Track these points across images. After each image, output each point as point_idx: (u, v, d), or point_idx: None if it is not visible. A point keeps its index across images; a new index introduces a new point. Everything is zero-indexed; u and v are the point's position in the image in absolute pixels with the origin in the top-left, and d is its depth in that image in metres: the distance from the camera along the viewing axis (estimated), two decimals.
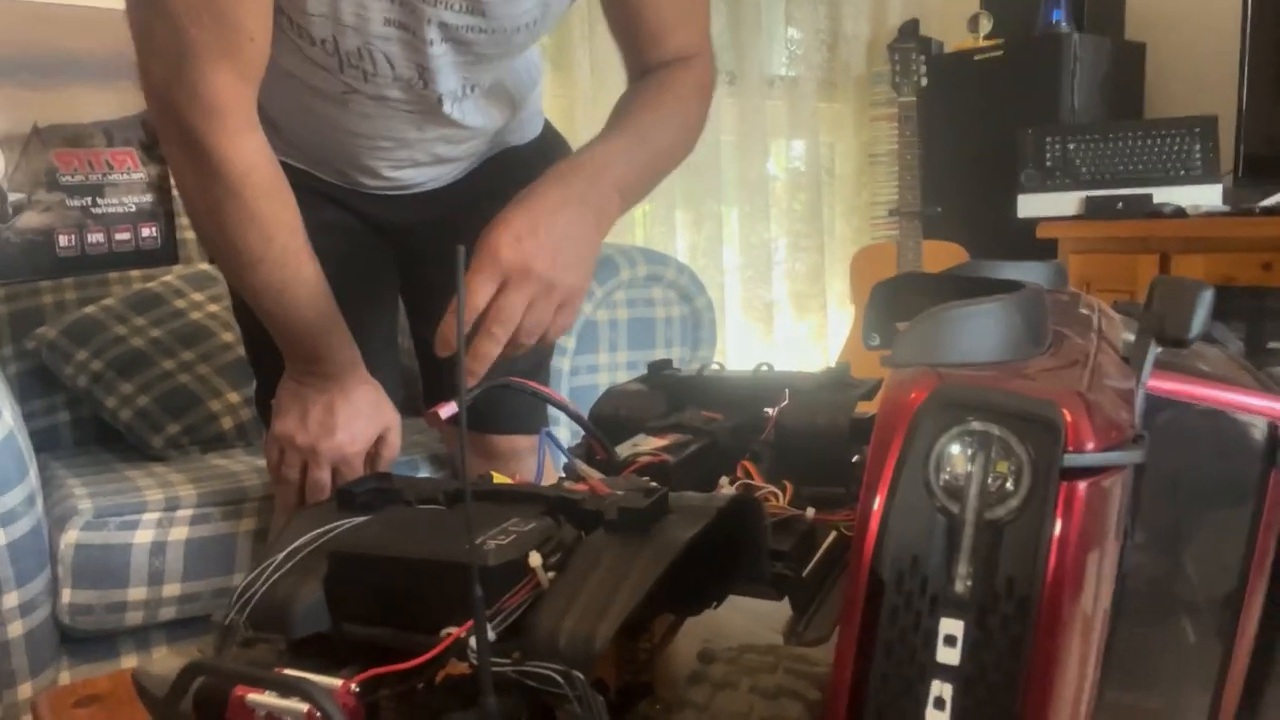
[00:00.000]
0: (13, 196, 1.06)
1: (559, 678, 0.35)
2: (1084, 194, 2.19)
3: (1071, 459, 0.27)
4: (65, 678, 1.11)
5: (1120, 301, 0.63)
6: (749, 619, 0.57)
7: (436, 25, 0.88)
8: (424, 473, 1.32)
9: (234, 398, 1.44)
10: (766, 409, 0.71)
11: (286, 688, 0.35)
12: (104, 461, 1.37)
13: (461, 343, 0.37)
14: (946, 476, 0.29)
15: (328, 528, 0.45)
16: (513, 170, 1.13)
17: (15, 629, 1.03)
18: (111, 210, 1.13)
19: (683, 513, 0.43)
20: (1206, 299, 0.38)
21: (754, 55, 2.59)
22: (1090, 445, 0.27)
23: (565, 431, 1.40)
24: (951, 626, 0.27)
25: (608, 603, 0.37)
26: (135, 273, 1.47)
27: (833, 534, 0.58)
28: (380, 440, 0.98)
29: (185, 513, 1.15)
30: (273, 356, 0.97)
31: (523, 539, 0.41)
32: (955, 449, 0.28)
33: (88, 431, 1.54)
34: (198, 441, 1.40)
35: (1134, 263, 2.09)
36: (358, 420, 0.95)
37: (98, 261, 1.13)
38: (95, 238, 1.12)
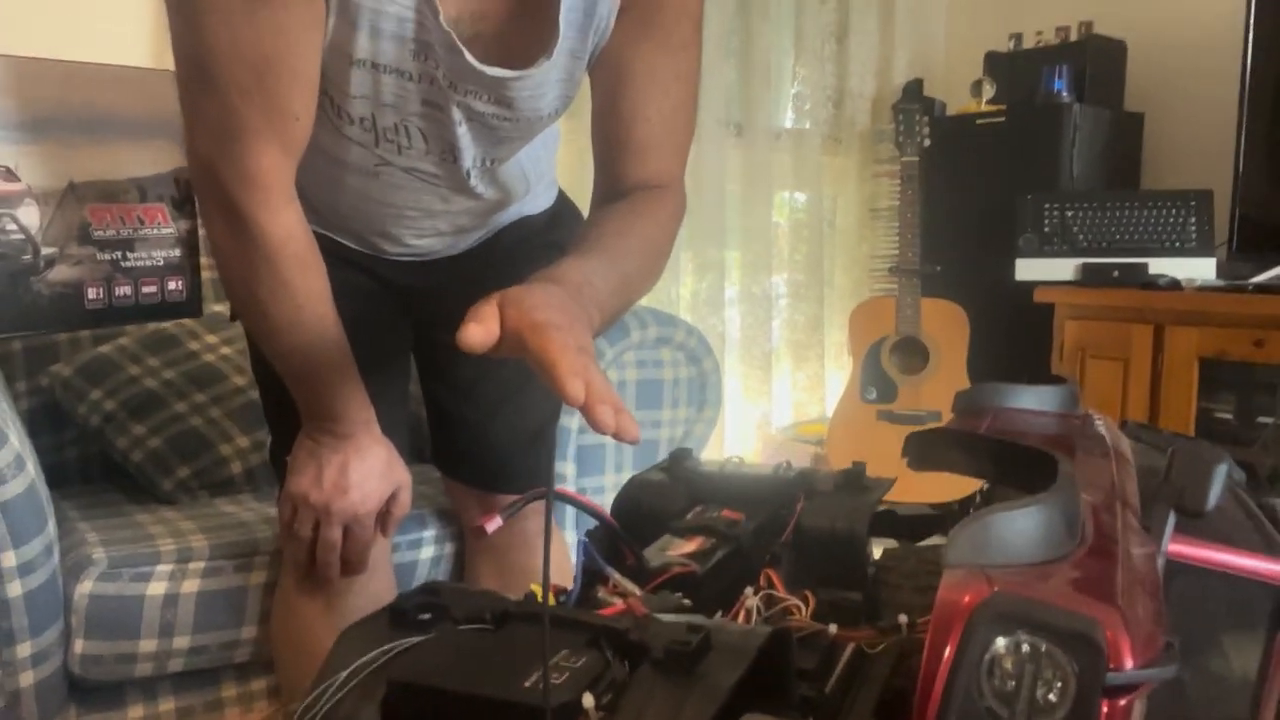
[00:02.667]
0: (46, 250, 1.08)
1: None
2: (1080, 261, 2.24)
3: (1113, 678, 0.30)
4: None
5: (1130, 423, 0.66)
6: None
7: (464, 110, 0.92)
8: (431, 527, 1.34)
9: (244, 442, 1.45)
10: (785, 510, 0.74)
11: None
12: (113, 503, 1.38)
13: (552, 474, 0.40)
14: (997, 681, 0.31)
15: (385, 649, 0.48)
16: (526, 238, 1.17)
17: (26, 679, 1.04)
18: (140, 264, 1.16)
19: (724, 651, 0.46)
20: (1222, 472, 0.41)
21: (761, 108, 2.64)
22: (1130, 664, 0.30)
23: (572, 468, 1.43)
24: None
25: None
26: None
27: (851, 647, 0.60)
28: (392, 499, 1.01)
29: (198, 564, 1.16)
30: (290, 414, 0.99)
31: (576, 676, 0.43)
32: (1006, 657, 0.31)
33: (95, 469, 1.55)
34: (207, 485, 1.42)
35: (1129, 331, 2.14)
36: (370, 480, 0.98)
37: (124, 314, 1.16)
38: (123, 290, 1.14)
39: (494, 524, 0.54)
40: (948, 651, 0.32)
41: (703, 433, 1.58)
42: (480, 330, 0.65)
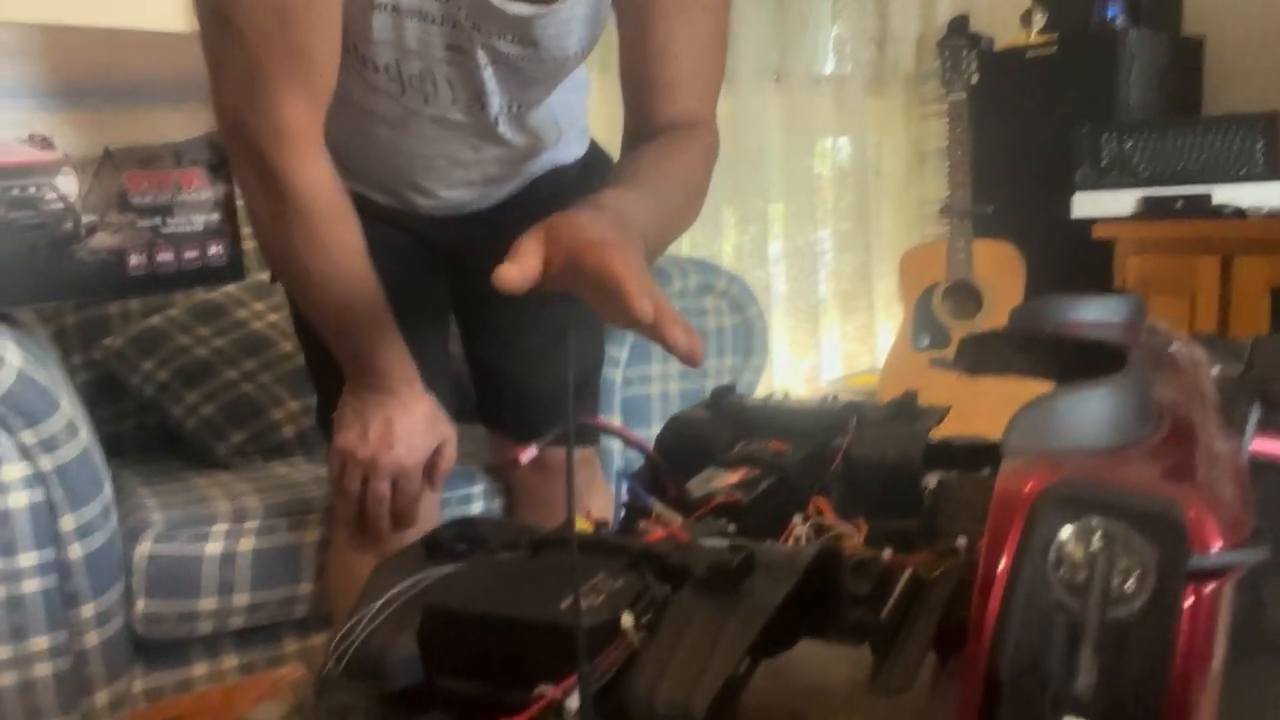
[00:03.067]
0: (86, 218, 1.09)
1: None
2: (1141, 193, 2.15)
3: (1198, 561, 0.27)
4: (139, 684, 1.14)
5: (1200, 334, 0.62)
6: (825, 659, 0.58)
7: (489, 52, 0.89)
8: (479, 482, 1.33)
9: (294, 406, 1.47)
10: (836, 440, 0.71)
11: None
12: (171, 469, 1.40)
13: (571, 405, 0.38)
14: (1065, 573, 0.29)
15: (419, 578, 0.46)
16: (560, 189, 1.15)
17: (92, 638, 1.07)
18: (180, 230, 1.16)
19: (770, 569, 0.44)
20: None
21: (800, 53, 2.57)
22: (1215, 546, 0.27)
23: (618, 443, 1.41)
24: None
25: (703, 667, 0.38)
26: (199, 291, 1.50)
27: (907, 572, 0.58)
28: (437, 452, 1.00)
29: (253, 524, 1.18)
30: (333, 373, 0.99)
31: (614, 598, 0.41)
32: (1076, 545, 0.28)
33: (153, 438, 1.58)
34: (261, 449, 1.43)
35: (1193, 264, 2.05)
36: (415, 434, 0.98)
37: (167, 280, 1.16)
38: (164, 256, 1.15)
39: (528, 454, 0.52)
40: (1009, 545, 0.29)
41: (750, 381, 1.56)
42: (515, 270, 0.62)
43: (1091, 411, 0.33)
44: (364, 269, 0.92)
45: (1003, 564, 0.30)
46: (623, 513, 0.60)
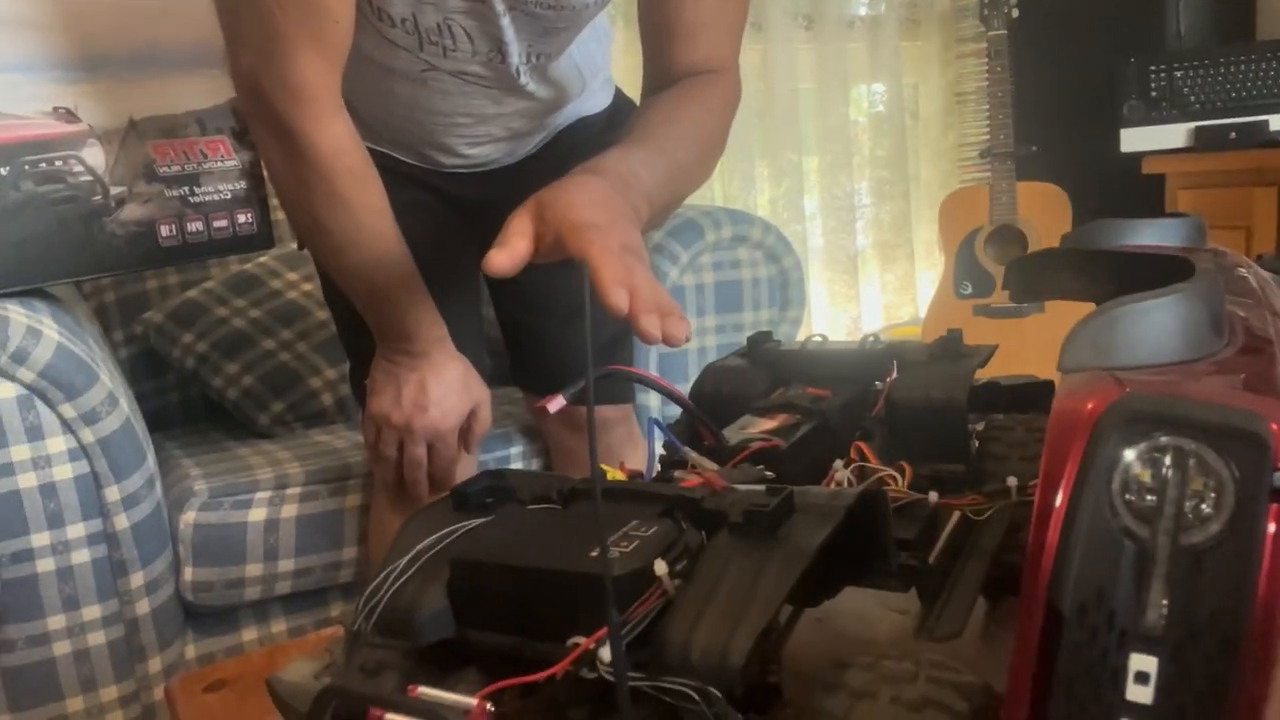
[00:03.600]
0: (114, 190, 1.08)
1: (695, 695, 0.34)
2: (1193, 125, 2.06)
3: None
4: (191, 650, 1.16)
5: (1266, 256, 0.58)
6: (869, 605, 0.56)
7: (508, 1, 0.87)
8: (517, 444, 1.33)
9: (332, 374, 1.47)
10: (876, 383, 0.69)
11: (422, 710, 0.35)
12: (214, 440, 1.42)
13: (589, 340, 0.36)
14: (1133, 497, 0.26)
15: (447, 530, 0.45)
16: (586, 140, 1.12)
17: (143, 606, 1.08)
18: (209, 198, 1.16)
19: (809, 512, 0.42)
20: None
21: None
22: None
23: (654, 401, 1.40)
24: (1143, 663, 0.25)
25: (741, 614, 0.36)
26: (233, 258, 1.51)
27: (956, 516, 0.55)
28: (472, 415, 0.99)
29: (295, 490, 1.18)
30: (365, 338, 0.99)
31: (646, 545, 0.40)
32: (1144, 467, 0.26)
33: (197, 409, 1.60)
34: (301, 418, 1.44)
35: (1249, 196, 1.96)
36: (450, 397, 0.96)
37: (199, 249, 1.16)
38: (194, 226, 1.14)
39: (556, 403, 0.50)
40: (1068, 469, 0.27)
41: (787, 333, 1.52)
42: (504, 255, 0.63)
43: (1158, 323, 0.30)
44: (388, 229, 0.91)
45: (1062, 491, 0.27)
46: (657, 462, 0.58)
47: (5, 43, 1.03)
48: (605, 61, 1.15)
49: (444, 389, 0.96)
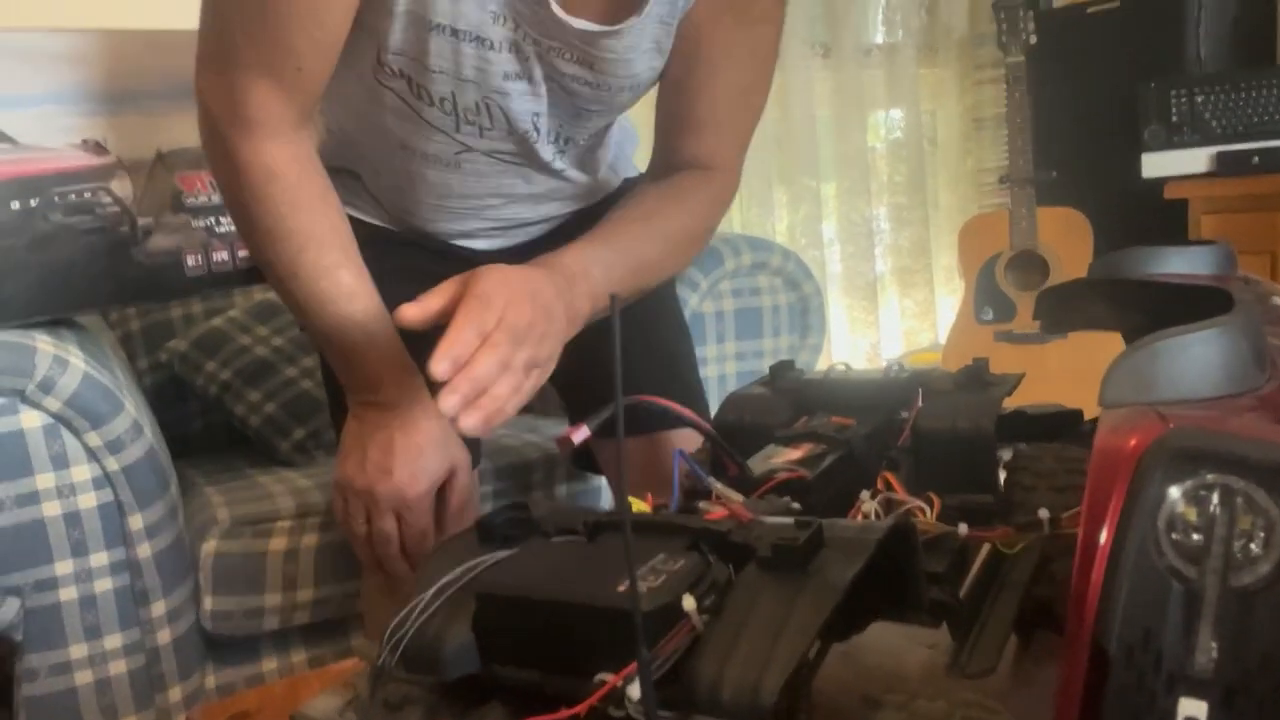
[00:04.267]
0: (142, 220, 1.10)
1: None
2: (1215, 149, 2.04)
3: None
4: (211, 681, 1.16)
5: None
6: (899, 640, 0.55)
7: (548, 75, 0.87)
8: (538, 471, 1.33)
9: None
10: (901, 412, 0.68)
11: None
12: (236, 467, 1.42)
13: (618, 367, 0.36)
14: (1179, 536, 0.26)
15: (472, 564, 0.45)
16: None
17: (164, 635, 1.08)
18: (233, 229, 1.17)
19: (839, 546, 0.41)
20: None
21: (848, 24, 2.51)
22: None
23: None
24: (1193, 708, 0.24)
25: (771, 651, 0.35)
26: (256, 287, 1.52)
27: (985, 548, 0.55)
28: (448, 483, 0.87)
29: (315, 520, 1.18)
30: (336, 384, 0.91)
31: (674, 579, 0.39)
32: (1190, 505, 0.25)
33: (219, 437, 1.61)
34: (322, 445, 1.44)
35: (1273, 220, 1.95)
36: (419, 458, 0.84)
37: (224, 279, 1.17)
38: (220, 256, 1.16)
39: (580, 434, 0.50)
40: (1112, 508, 0.26)
41: (807, 360, 1.52)
42: (414, 309, 0.69)
43: (1199, 357, 0.29)
44: (340, 263, 0.84)
45: (1106, 530, 0.27)
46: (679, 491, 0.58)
47: (37, 76, 1.05)
48: (629, 164, 1.15)
49: (412, 450, 0.84)
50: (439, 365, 0.64)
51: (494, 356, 0.68)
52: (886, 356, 2.70)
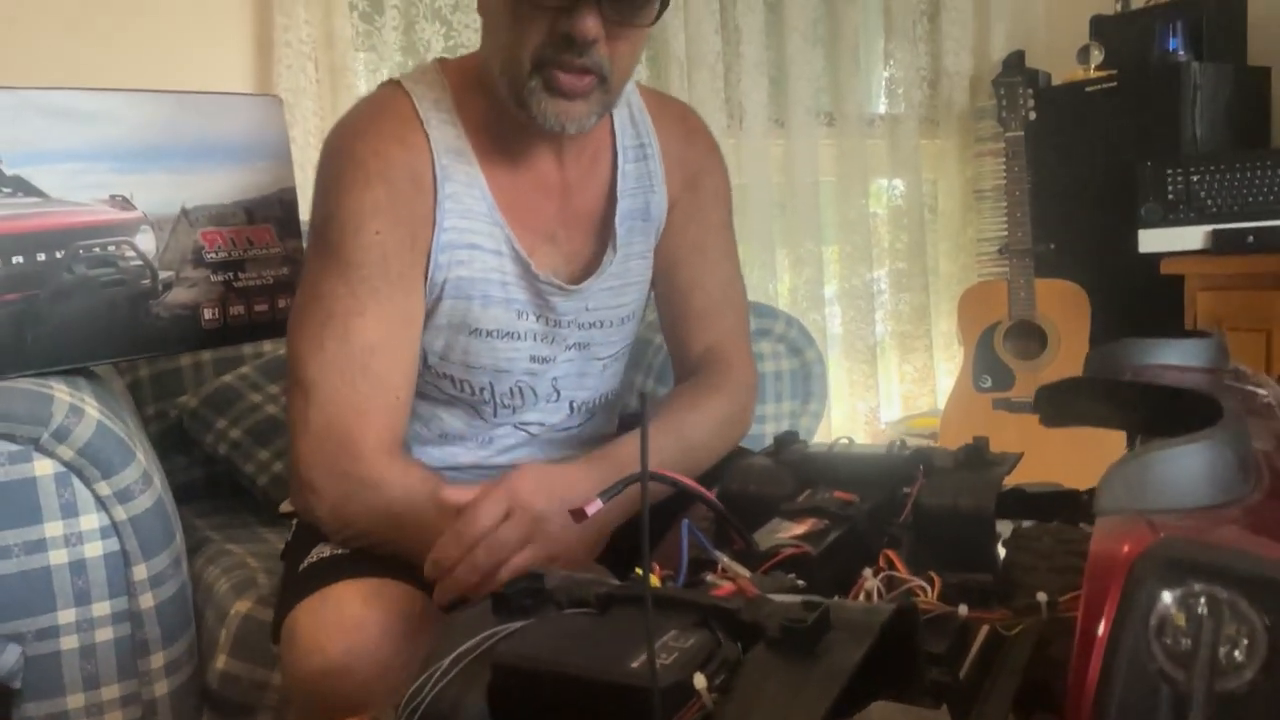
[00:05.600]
0: (163, 274, 1.13)
1: None
2: (1211, 228, 2.09)
3: None
4: None
5: None
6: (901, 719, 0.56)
7: (563, 340, 1.00)
8: None
9: None
10: (904, 488, 0.70)
11: None
12: (246, 522, 1.43)
13: (646, 443, 0.37)
14: (1169, 640, 0.27)
15: (489, 634, 0.46)
16: None
17: (161, 688, 1.08)
18: (251, 284, 1.20)
19: (845, 629, 0.42)
20: None
21: (852, 94, 2.58)
22: None
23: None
24: None
25: None
26: (267, 343, 1.54)
27: (985, 629, 0.56)
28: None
29: None
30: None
31: (685, 657, 0.41)
32: (1179, 612, 0.27)
33: (222, 486, 1.61)
34: None
35: (1269, 300, 1.98)
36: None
37: (239, 333, 1.19)
38: (236, 310, 1.18)
39: (594, 507, 0.52)
40: (1107, 610, 0.28)
41: (809, 426, 1.54)
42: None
43: (1188, 468, 0.31)
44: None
45: (1102, 629, 0.28)
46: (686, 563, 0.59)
47: (69, 133, 1.08)
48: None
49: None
50: (430, 567, 0.77)
51: (473, 570, 0.77)
52: (885, 420, 2.72)
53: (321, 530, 0.92)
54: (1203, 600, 0.27)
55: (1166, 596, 0.27)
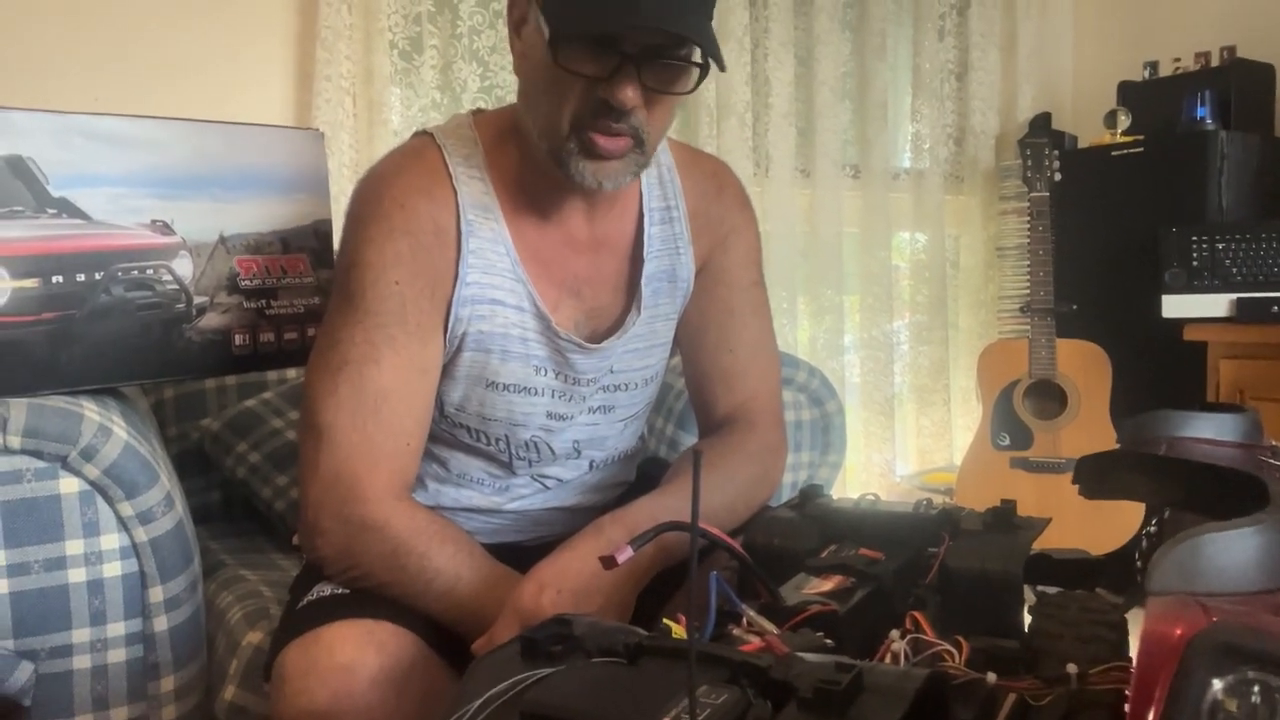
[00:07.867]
0: (198, 299, 1.14)
1: None
2: (1235, 296, 2.09)
3: None
4: None
5: None
6: None
7: (583, 398, 1.01)
8: None
9: None
10: (930, 548, 0.70)
11: None
12: (260, 548, 1.43)
13: (698, 497, 0.38)
14: None
15: (517, 679, 0.46)
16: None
17: (169, 712, 1.08)
18: (283, 311, 1.21)
19: (877, 692, 0.42)
20: None
21: (878, 148, 2.60)
22: None
23: None
24: None
25: None
26: (291, 370, 1.55)
27: (1012, 698, 0.55)
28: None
29: None
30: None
31: (717, 714, 0.41)
32: (1230, 698, 0.27)
33: (237, 508, 1.62)
34: None
35: None
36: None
37: (267, 359, 1.21)
38: (266, 337, 1.20)
39: (625, 554, 0.52)
40: (1159, 692, 0.28)
41: (827, 478, 1.53)
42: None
43: (1239, 551, 0.31)
44: (464, 566, 0.89)
45: (1153, 714, 0.28)
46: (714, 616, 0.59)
47: (115, 159, 1.10)
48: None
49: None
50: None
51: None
52: (900, 474, 2.70)
53: (325, 572, 0.92)
54: (1256, 688, 0.27)
55: (1219, 682, 0.27)
